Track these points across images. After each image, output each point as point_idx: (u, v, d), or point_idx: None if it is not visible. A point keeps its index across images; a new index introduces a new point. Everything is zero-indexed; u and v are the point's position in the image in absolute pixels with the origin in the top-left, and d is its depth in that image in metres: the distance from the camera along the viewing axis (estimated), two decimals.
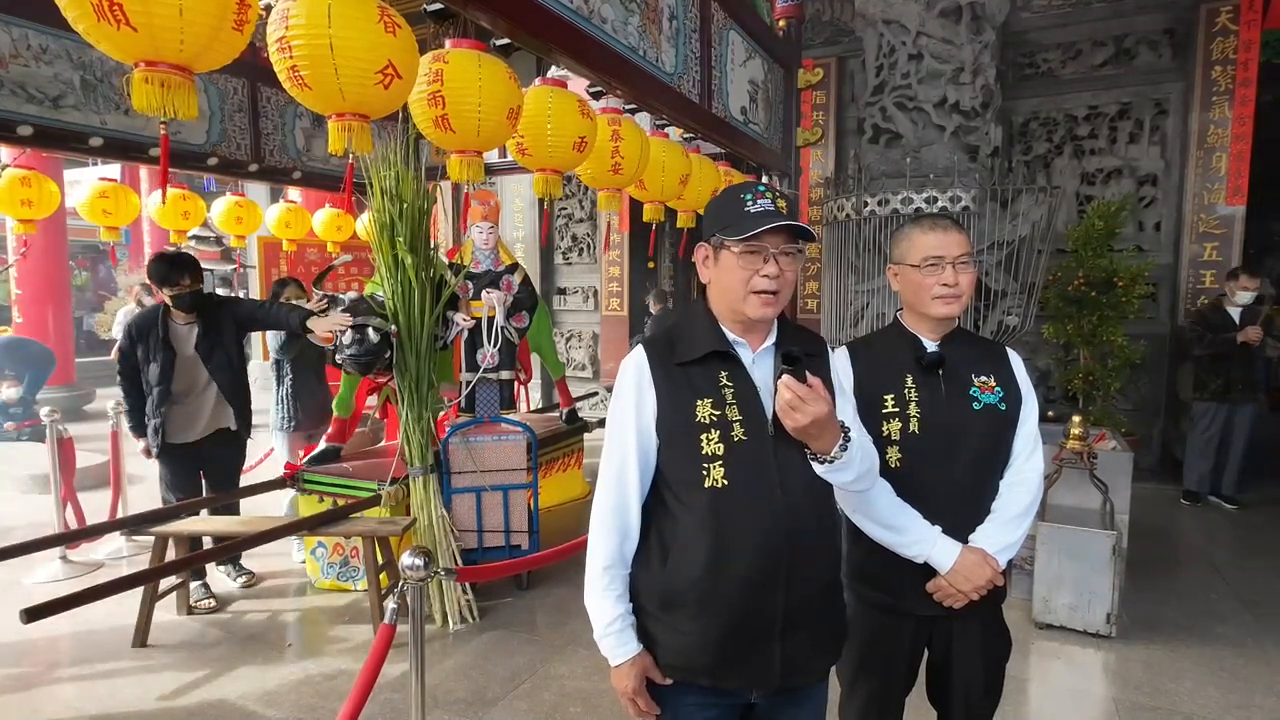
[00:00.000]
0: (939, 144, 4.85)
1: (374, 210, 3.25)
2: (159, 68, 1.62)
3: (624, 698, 1.32)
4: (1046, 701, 2.74)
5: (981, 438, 1.55)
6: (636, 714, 1.33)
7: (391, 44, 1.91)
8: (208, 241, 8.31)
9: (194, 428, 3.50)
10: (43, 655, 3.09)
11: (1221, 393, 4.86)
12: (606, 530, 1.31)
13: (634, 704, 1.31)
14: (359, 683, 1.84)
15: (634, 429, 1.28)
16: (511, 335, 3.90)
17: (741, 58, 3.87)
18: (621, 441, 1.29)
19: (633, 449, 1.28)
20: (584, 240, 8.35)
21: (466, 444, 3.54)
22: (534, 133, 2.68)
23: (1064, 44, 5.91)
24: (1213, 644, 3.11)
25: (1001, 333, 4.73)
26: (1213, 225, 5.52)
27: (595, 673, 2.89)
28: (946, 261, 1.52)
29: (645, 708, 1.31)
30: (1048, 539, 3.19)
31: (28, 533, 4.32)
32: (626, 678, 1.29)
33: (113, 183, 4.43)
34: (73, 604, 2.31)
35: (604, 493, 1.31)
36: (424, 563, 1.96)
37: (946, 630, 1.60)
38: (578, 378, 8.16)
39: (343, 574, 3.69)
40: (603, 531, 1.31)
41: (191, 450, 3.51)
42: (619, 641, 1.29)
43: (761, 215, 1.22)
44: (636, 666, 1.29)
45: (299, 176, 4.69)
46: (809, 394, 1.17)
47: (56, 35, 3.30)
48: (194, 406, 3.48)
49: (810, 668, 1.33)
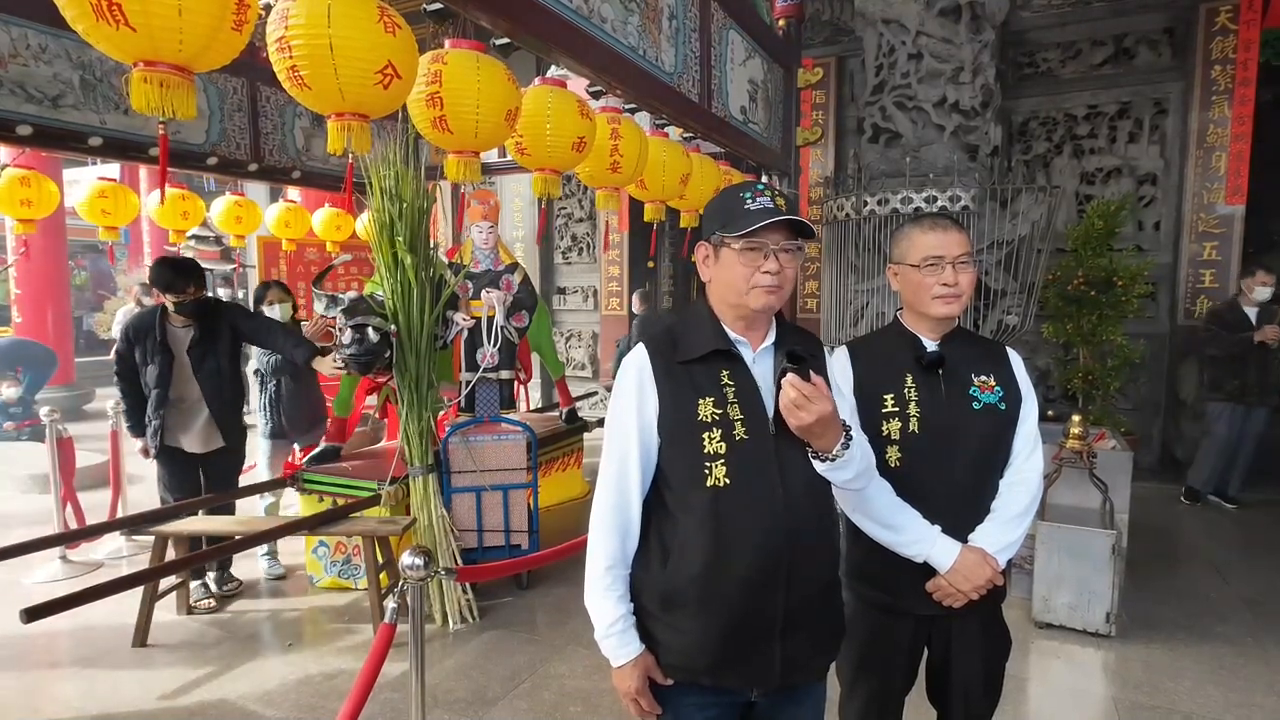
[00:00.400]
0: (939, 143, 4.85)
1: (373, 210, 3.25)
2: (158, 68, 1.62)
3: (626, 698, 1.31)
4: (1046, 701, 2.74)
5: (981, 437, 1.55)
6: (639, 714, 1.33)
7: (391, 44, 1.91)
8: (207, 241, 8.29)
9: (190, 435, 3.46)
10: (43, 655, 3.09)
11: (1238, 394, 4.77)
12: (607, 530, 1.31)
13: (636, 704, 1.31)
14: (359, 682, 1.84)
15: (635, 428, 1.28)
16: (511, 335, 3.90)
17: (741, 57, 3.87)
18: (622, 440, 1.29)
19: (634, 448, 1.28)
20: (584, 240, 8.35)
21: (466, 443, 3.54)
22: (533, 132, 2.68)
23: (1063, 43, 5.91)
24: (1212, 643, 3.12)
25: (1001, 332, 4.73)
26: (1212, 224, 5.52)
27: (595, 672, 2.89)
28: (946, 261, 1.52)
29: (648, 708, 1.31)
30: (1047, 538, 3.19)
31: (27, 532, 4.32)
32: (629, 678, 1.29)
33: (112, 182, 4.42)
34: (72, 604, 2.31)
35: (604, 492, 1.31)
36: (424, 562, 1.96)
37: (946, 630, 1.60)
38: (577, 377, 8.16)
39: (344, 572, 3.69)
40: (603, 531, 1.31)
41: (190, 454, 3.50)
42: (621, 642, 1.29)
43: (761, 212, 1.23)
44: (639, 667, 1.29)
45: (298, 176, 4.69)
46: (814, 392, 1.18)
47: (56, 35, 3.29)
48: (190, 413, 3.45)
49: (810, 666, 1.33)
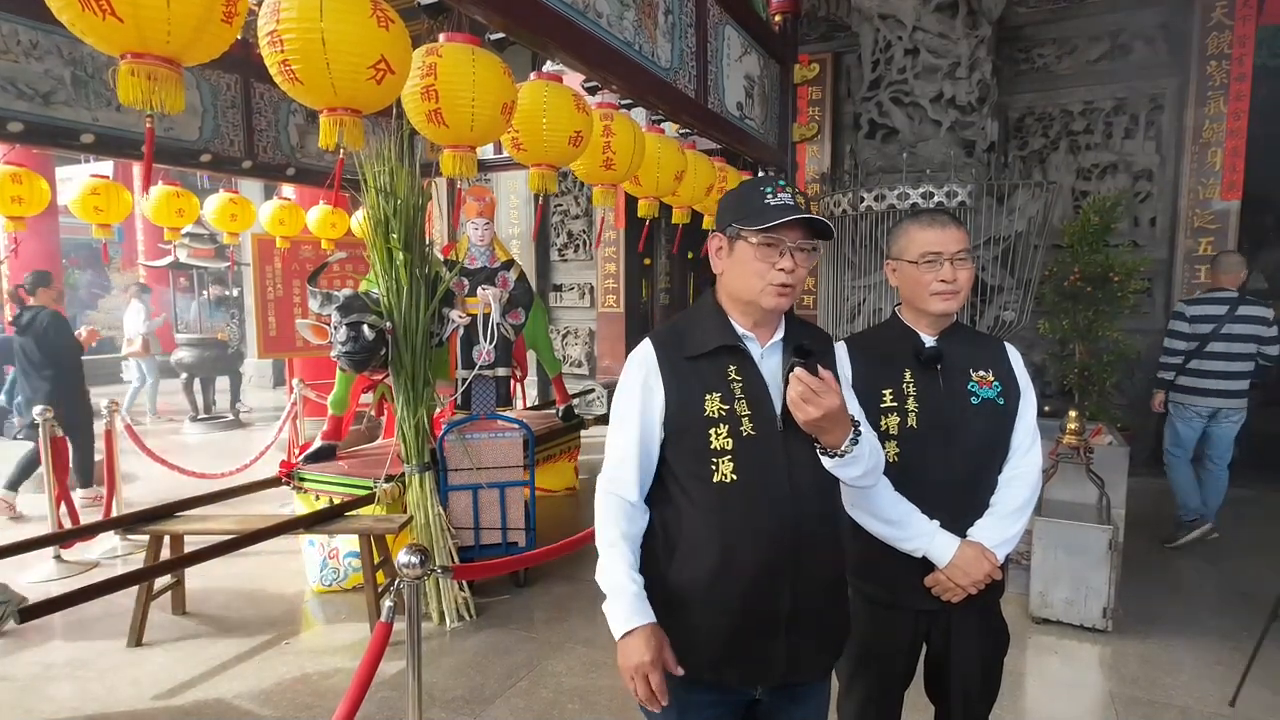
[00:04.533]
0: (935, 139, 4.84)
1: (368, 207, 3.23)
2: (145, 60, 1.60)
3: (636, 674, 1.18)
4: (1043, 696, 2.74)
5: (980, 432, 1.55)
6: (645, 697, 1.19)
7: (384, 38, 1.89)
8: (202, 239, 8.24)
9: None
10: (37, 655, 3.07)
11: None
12: (607, 515, 1.29)
13: (645, 682, 1.18)
14: (356, 681, 1.83)
15: (638, 423, 1.27)
16: (508, 332, 3.89)
17: (737, 53, 3.86)
18: (626, 434, 1.28)
19: (634, 442, 1.27)
20: (580, 237, 8.33)
21: (463, 441, 3.53)
22: (529, 127, 2.67)
23: (1060, 39, 5.91)
24: (1208, 637, 3.12)
25: (998, 328, 4.73)
26: (1208, 220, 5.52)
27: (593, 670, 2.89)
28: (944, 258, 1.52)
29: (657, 686, 1.18)
30: (1044, 534, 3.20)
31: (21, 532, 4.30)
32: (642, 648, 1.17)
33: (105, 180, 4.39)
34: (67, 603, 2.30)
35: (609, 485, 1.30)
36: (420, 560, 1.95)
37: (945, 625, 1.60)
38: (574, 374, 8.15)
39: (325, 576, 3.68)
40: (604, 516, 1.29)
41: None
42: (633, 607, 1.19)
43: (781, 208, 1.21)
44: (654, 637, 1.19)
45: (293, 173, 4.67)
46: (822, 387, 1.16)
47: (47, 30, 3.26)
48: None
49: (814, 664, 1.32)
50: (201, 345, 8.21)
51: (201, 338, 8.30)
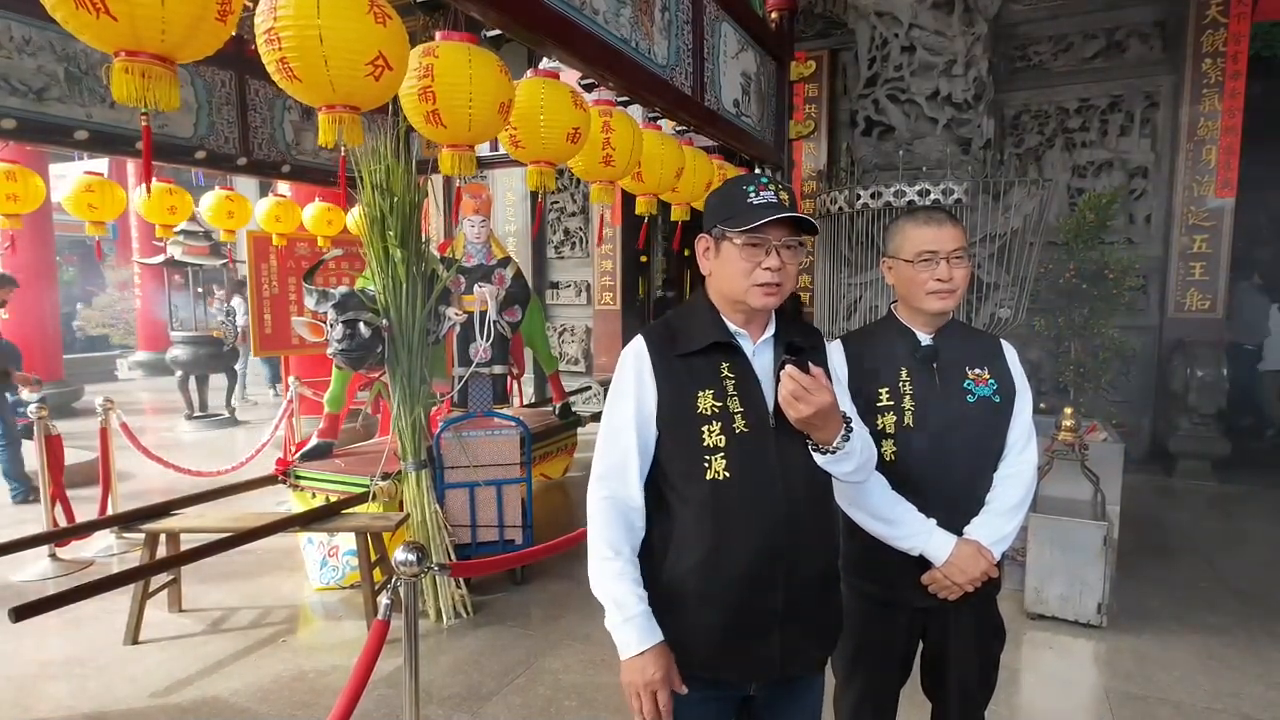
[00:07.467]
0: (931, 136, 4.84)
1: (364, 204, 3.22)
2: (140, 57, 1.59)
3: (644, 691, 1.19)
4: (1038, 692, 2.76)
5: (976, 430, 1.55)
6: (650, 713, 1.20)
7: (382, 35, 1.88)
8: (196, 236, 8.20)
9: None
10: (33, 654, 3.07)
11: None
12: (606, 519, 1.27)
13: (651, 699, 1.19)
14: (353, 678, 1.83)
15: (633, 420, 1.27)
16: (504, 329, 3.89)
17: (734, 50, 3.85)
18: (620, 433, 1.28)
19: (632, 440, 1.27)
20: (576, 234, 8.32)
21: (460, 439, 3.53)
22: (527, 124, 2.66)
23: (1055, 36, 5.92)
24: (1202, 633, 3.14)
25: (994, 325, 4.74)
26: (1202, 218, 5.55)
27: (591, 667, 2.89)
28: (940, 256, 1.52)
29: (664, 705, 1.19)
30: (1039, 530, 3.21)
31: (16, 530, 4.28)
32: (651, 667, 1.18)
33: (99, 177, 4.37)
34: (62, 602, 2.29)
35: (602, 485, 1.29)
36: (417, 558, 1.95)
37: (941, 622, 1.61)
38: (571, 372, 8.14)
39: (324, 575, 3.68)
40: (603, 520, 1.27)
41: None
42: (643, 629, 1.20)
43: (764, 207, 1.21)
44: (663, 656, 1.20)
45: (288, 170, 4.65)
46: (813, 384, 1.17)
47: (40, 27, 3.24)
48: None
49: (808, 659, 1.33)
50: (196, 343, 8.21)
51: (196, 335, 8.29)
